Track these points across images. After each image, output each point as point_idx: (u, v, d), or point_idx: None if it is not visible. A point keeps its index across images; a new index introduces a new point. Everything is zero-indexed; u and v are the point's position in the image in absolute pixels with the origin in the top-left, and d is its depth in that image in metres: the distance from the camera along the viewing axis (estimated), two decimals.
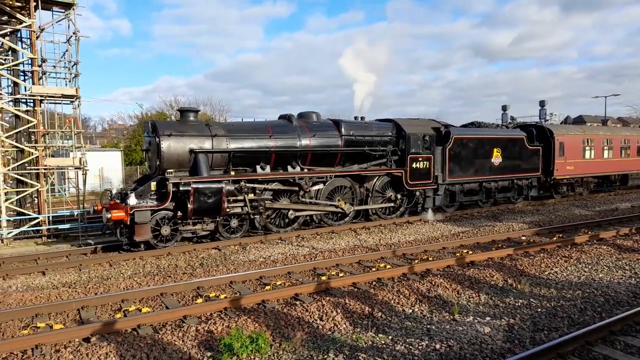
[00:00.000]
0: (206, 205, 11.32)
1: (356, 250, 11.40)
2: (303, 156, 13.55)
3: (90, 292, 8.07)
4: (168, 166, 11.58)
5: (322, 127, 14.08)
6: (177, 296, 7.88)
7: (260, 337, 5.67)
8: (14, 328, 6.56)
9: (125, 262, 10.39)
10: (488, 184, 17.50)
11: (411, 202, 15.67)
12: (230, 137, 12.39)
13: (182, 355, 5.55)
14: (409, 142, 15.11)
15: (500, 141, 17.58)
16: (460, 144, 16.41)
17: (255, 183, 12.53)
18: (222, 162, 12.38)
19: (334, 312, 6.87)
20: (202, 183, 11.31)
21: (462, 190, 16.80)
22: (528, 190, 19.04)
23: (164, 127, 11.81)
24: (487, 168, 17.20)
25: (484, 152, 17.05)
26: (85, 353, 5.46)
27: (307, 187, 13.21)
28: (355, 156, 14.57)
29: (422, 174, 15.43)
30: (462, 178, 16.56)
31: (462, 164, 16.46)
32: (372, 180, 14.82)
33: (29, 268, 9.84)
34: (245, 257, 10.84)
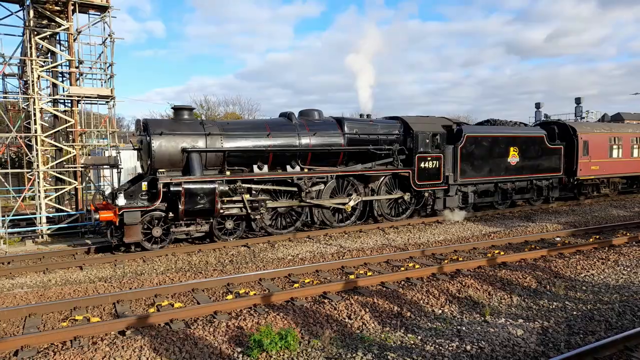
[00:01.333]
0: (198, 206, 10.98)
1: (384, 249, 11.33)
2: (303, 156, 13.08)
3: (125, 287, 8.33)
4: (159, 166, 11.27)
5: (324, 126, 13.59)
6: (208, 292, 8.03)
7: (289, 334, 5.72)
8: (54, 320, 6.82)
9: (158, 258, 10.65)
10: (504, 185, 16.70)
11: (420, 204, 15.07)
12: (225, 135, 11.97)
13: (213, 350, 5.65)
14: (416, 141, 14.49)
15: (517, 139, 16.74)
16: (474, 143, 15.66)
17: (251, 183, 12.12)
18: (216, 161, 12.00)
19: (362, 311, 6.86)
20: (193, 183, 10.99)
21: (475, 191, 16.08)
22: (548, 192, 18.09)
23: (155, 126, 11.46)
24: (503, 168, 16.39)
25: (499, 151, 16.25)
26: (120, 346, 5.63)
27: (306, 188, 12.74)
28: (359, 155, 14.07)
29: (431, 174, 14.80)
30: (475, 178, 15.80)
31: (475, 164, 15.71)
32: (378, 180, 14.22)
33: (68, 263, 10.20)
34: (273, 255, 10.94)
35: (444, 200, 15.34)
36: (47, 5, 14.37)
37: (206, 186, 11.09)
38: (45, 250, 11.79)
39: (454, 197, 15.53)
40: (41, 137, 14.37)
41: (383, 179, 14.29)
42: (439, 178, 14.99)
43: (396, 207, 14.84)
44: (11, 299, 7.72)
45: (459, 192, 15.73)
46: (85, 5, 15.04)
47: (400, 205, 14.81)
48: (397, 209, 14.88)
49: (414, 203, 15.00)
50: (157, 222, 11.09)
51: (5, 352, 5.62)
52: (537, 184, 17.68)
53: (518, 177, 16.93)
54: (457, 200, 15.69)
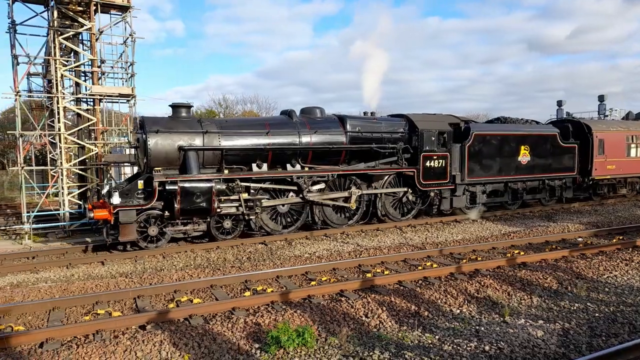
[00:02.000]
0: (195, 205, 10.85)
1: (402, 248, 11.28)
2: (303, 154, 12.81)
3: (145, 282, 8.47)
4: (156, 164, 11.15)
5: (325, 124, 13.33)
6: (226, 288, 8.12)
7: (307, 331, 5.75)
8: (77, 314, 6.99)
9: (177, 255, 10.80)
10: (514, 185, 16.22)
11: (425, 203, 14.67)
12: (223, 133, 11.79)
13: (231, 346, 5.72)
14: (422, 139, 14.08)
15: (528, 138, 16.22)
16: (482, 141, 15.21)
17: (249, 182, 11.93)
18: (214, 160, 11.82)
19: (379, 309, 6.85)
20: (190, 182, 10.83)
21: (484, 191, 15.62)
22: (562, 192, 17.50)
23: (152, 123, 11.31)
24: (513, 167, 15.92)
25: (509, 149, 15.78)
26: (141, 340, 5.74)
27: (306, 187, 12.48)
28: (362, 154, 13.73)
29: (437, 173, 14.38)
30: (483, 178, 15.36)
31: (484, 163, 15.27)
32: (382, 179, 13.91)
33: (90, 258, 10.43)
34: (290, 253, 10.99)
35: (450, 200, 14.97)
36: (70, 6, 14.67)
37: (203, 185, 10.94)
38: (67, 246, 12.05)
39: (462, 197, 15.15)
40: (64, 135, 14.69)
41: (387, 178, 13.99)
42: (446, 177, 14.60)
43: (401, 206, 14.48)
44: (36, 292, 7.92)
45: (466, 191, 15.32)
46: (107, 6, 15.32)
47: (405, 205, 14.48)
48: (402, 208, 14.53)
49: (420, 203, 14.64)
50: (154, 221, 10.97)
51: (30, 344, 5.78)
52: (549, 184, 17.14)
53: (529, 176, 16.44)
54: (465, 200, 15.30)
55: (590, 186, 18.72)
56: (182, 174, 11.12)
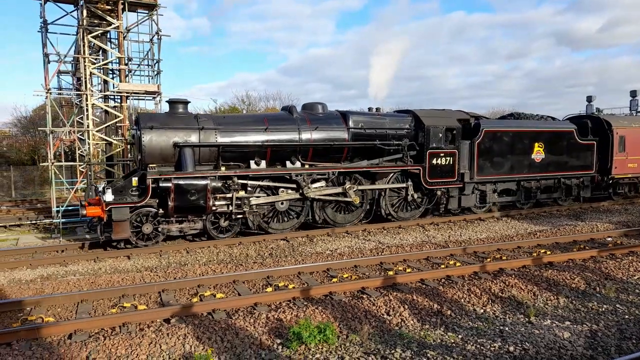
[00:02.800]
0: (189, 203, 10.65)
1: (424, 246, 11.18)
2: (304, 151, 12.49)
3: (169, 277, 8.62)
4: (150, 160, 11.01)
5: (326, 120, 12.98)
6: (249, 284, 8.20)
7: (328, 327, 5.76)
8: (104, 306, 7.16)
9: (200, 250, 10.95)
10: (527, 183, 15.61)
11: (432, 202, 14.22)
12: (220, 130, 11.59)
13: (254, 340, 5.77)
14: (428, 136, 13.57)
15: (542, 134, 15.55)
16: (492, 138, 14.64)
17: (246, 179, 11.63)
18: (210, 157, 11.61)
19: (401, 307, 6.81)
20: (184, 179, 10.65)
21: (495, 190, 15.13)
22: (579, 191, 16.80)
23: (147, 120, 11.22)
24: (526, 165, 15.32)
25: (522, 146, 15.17)
26: (166, 333, 5.85)
27: (305, 185, 12.13)
28: (365, 151, 13.30)
29: (445, 171, 13.90)
30: (494, 176, 14.81)
31: (494, 160, 14.70)
32: (386, 177, 13.48)
33: (116, 252, 10.67)
34: (312, 249, 11.02)
35: (459, 199, 14.47)
36: (99, 5, 15.01)
37: (197, 182, 10.73)
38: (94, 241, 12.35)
39: (471, 195, 14.65)
40: (92, 132, 15.07)
41: (391, 176, 13.55)
42: (453, 175, 14.08)
43: (406, 205, 14.02)
44: (65, 285, 8.16)
45: (476, 190, 14.82)
46: (134, 4, 15.62)
47: (411, 204, 14.04)
48: (407, 207, 14.05)
49: (426, 202, 14.21)
50: (148, 218, 10.84)
51: (60, 334, 5.96)
52: (565, 183, 16.46)
53: (543, 175, 15.78)
54: (475, 199, 14.81)
55: (610, 185, 17.86)
56: (178, 171, 10.99)
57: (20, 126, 34.56)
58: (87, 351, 5.40)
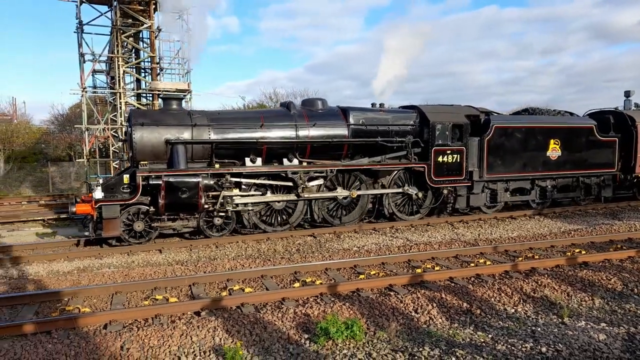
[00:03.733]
0: (180, 201, 10.50)
1: (453, 244, 11.02)
2: (301, 148, 12.21)
3: (200, 270, 8.80)
4: (142, 157, 10.87)
5: (325, 116, 12.65)
6: (276, 279, 8.28)
7: (355, 324, 5.76)
8: (137, 298, 7.37)
9: (229, 245, 11.12)
10: (542, 182, 14.93)
11: (438, 201, 13.72)
12: (213, 126, 11.41)
13: (282, 334, 5.83)
14: (433, 132, 13.07)
15: (558, 131, 14.80)
16: (504, 134, 14.01)
17: (240, 177, 11.41)
18: (204, 154, 11.46)
19: (429, 305, 6.74)
20: (175, 176, 10.52)
21: (506, 189, 14.48)
22: (600, 190, 15.94)
23: (138, 116, 11.13)
24: (541, 163, 14.61)
25: (536, 143, 14.48)
26: (196, 325, 5.97)
27: (301, 183, 11.79)
28: (366, 148, 12.90)
29: (451, 169, 13.35)
30: (505, 174, 14.16)
31: (506, 158, 14.07)
32: (389, 175, 13.11)
33: (148, 246, 10.95)
34: (339, 246, 11.03)
35: (467, 198, 13.91)
36: (131, 5, 15.39)
37: (189, 180, 10.57)
38: None
39: (480, 195, 14.04)
40: None
41: (394, 174, 13.13)
42: (461, 173, 13.50)
43: (410, 204, 13.57)
44: (100, 277, 8.44)
45: (486, 189, 14.21)
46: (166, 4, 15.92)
47: (416, 202, 13.54)
48: (411, 206, 13.59)
49: (432, 201, 13.70)
50: (139, 216, 10.73)
51: (96, 325, 6.17)
52: (584, 182, 15.66)
53: (560, 173, 15.02)
54: (485, 199, 14.20)
55: (634, 184, 16.83)
56: (170, 168, 10.90)
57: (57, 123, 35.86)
58: (121, 341, 5.58)
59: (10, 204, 19.25)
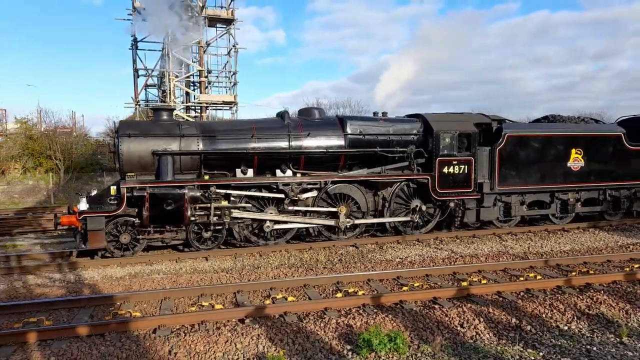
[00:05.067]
0: (165, 213, 10.29)
1: (501, 257, 10.65)
2: (295, 159, 11.80)
3: (244, 278, 8.96)
4: (129, 169, 10.75)
5: (321, 126, 12.19)
6: (319, 289, 8.29)
7: (399, 336, 5.68)
8: (184, 304, 7.59)
9: (272, 254, 11.26)
10: (564, 195, 13.85)
11: (444, 215, 12.89)
12: (203, 137, 11.17)
13: (324, 345, 5.84)
14: (437, 142, 12.38)
15: (580, 139, 13.72)
16: (517, 144, 13.10)
17: (228, 189, 11.13)
18: (193, 165, 11.22)
19: (476, 320, 6.55)
20: (159, 188, 10.34)
21: (522, 202, 13.52)
22: (630, 204, 14.62)
23: (125, 127, 10.97)
24: (561, 174, 13.57)
25: (555, 153, 13.47)
26: (240, 332, 6.08)
27: (293, 195, 11.40)
28: (365, 159, 12.36)
29: (458, 181, 12.57)
30: (520, 186, 13.22)
31: (520, 169, 13.14)
32: (390, 187, 12.43)
33: (196, 254, 11.26)
34: (381, 257, 10.92)
35: (477, 211, 13.02)
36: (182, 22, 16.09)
37: (174, 191, 10.37)
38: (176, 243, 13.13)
39: (492, 208, 13.10)
40: None
41: (396, 186, 12.48)
42: (469, 185, 12.68)
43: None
44: (150, 282, 8.76)
45: (498, 202, 13.29)
46: (214, 19, 16.55)
47: (420, 216, 12.75)
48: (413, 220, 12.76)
49: (438, 214, 12.92)
50: (126, 228, 10.58)
51: (145, 329, 6.40)
52: (612, 195, 14.43)
53: (583, 185, 13.90)
54: (498, 212, 13.26)
55: None
56: (157, 180, 10.75)
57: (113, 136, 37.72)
58: (169, 346, 5.77)
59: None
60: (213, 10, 16.96)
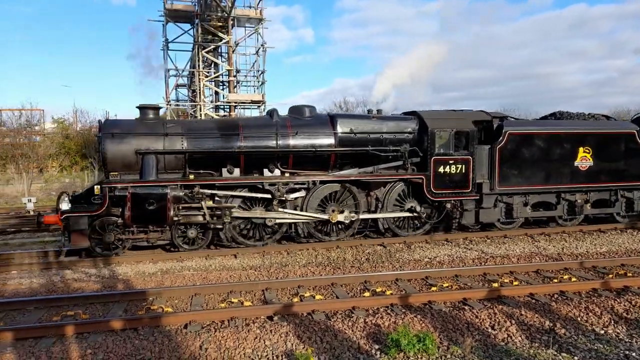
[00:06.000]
0: (147, 213, 10.18)
1: (533, 258, 10.40)
2: (283, 158, 11.56)
3: (272, 276, 9.04)
4: (112, 168, 10.65)
5: (310, 124, 11.85)
6: (346, 287, 8.29)
7: (428, 337, 5.62)
8: (214, 301, 7.72)
9: (300, 252, 11.31)
10: (571, 196, 13.24)
11: (440, 216, 12.47)
12: (187, 136, 10.98)
13: (352, 344, 5.83)
14: (432, 140, 11.94)
15: (588, 137, 13.05)
16: (519, 142, 12.54)
17: (213, 189, 10.99)
18: (177, 164, 11.03)
19: (507, 322, 6.41)
20: (141, 188, 10.23)
21: (525, 203, 12.95)
22: None
23: (109, 126, 10.83)
24: (568, 174, 12.95)
25: (561, 152, 12.84)
26: (269, 329, 6.15)
27: (279, 195, 11.16)
28: (357, 158, 12.00)
29: (455, 181, 12.10)
30: (522, 187, 12.67)
31: (522, 168, 12.60)
32: (384, 187, 12.11)
33: (225, 251, 11.43)
34: (409, 256, 10.82)
35: (475, 213, 12.59)
36: (211, 22, 16.33)
37: (156, 191, 10.23)
38: None
39: (492, 209, 12.64)
40: None
41: (390, 186, 12.14)
42: (467, 186, 12.20)
43: (407, 219, 12.51)
44: (181, 279, 8.95)
45: (499, 202, 12.81)
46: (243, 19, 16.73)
47: (414, 218, 12.45)
48: (409, 221, 12.52)
49: (435, 216, 12.49)
50: (111, 227, 10.46)
51: (177, 324, 6.54)
52: (625, 195, 13.75)
53: (592, 185, 13.26)
54: (499, 214, 12.79)
55: None
56: (141, 179, 10.64)
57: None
58: (200, 341, 5.88)
59: None
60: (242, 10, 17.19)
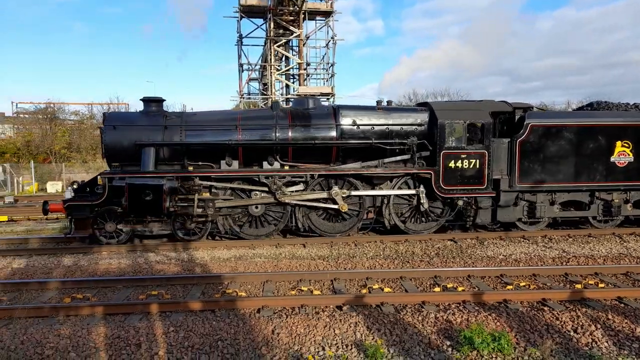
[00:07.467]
0: (143, 203, 10.33)
1: (622, 259, 9.62)
2: (282, 151, 11.35)
3: (340, 267, 9.13)
4: (113, 160, 11.03)
5: (312, 116, 11.51)
6: (415, 282, 8.18)
7: (503, 336, 5.41)
8: (285, 288, 7.95)
9: (368, 244, 11.30)
10: (607, 195, 11.95)
11: (452, 214, 11.77)
12: (186, 128, 11.08)
13: (422, 338, 5.75)
14: (442, 133, 11.22)
15: (627, 130, 11.64)
16: (543, 135, 11.43)
17: (210, 181, 11.00)
18: (176, 156, 11.21)
19: (592, 326, 6.01)
20: (137, 179, 10.43)
21: (552, 202, 11.86)
22: None
23: (111, 119, 11.19)
24: (602, 170, 11.66)
25: (595, 146, 11.59)
26: (339, 319, 6.22)
27: (276, 188, 11.01)
28: (361, 151, 11.53)
29: (468, 177, 11.34)
30: (547, 184, 11.60)
31: (547, 164, 11.51)
32: (390, 183, 11.58)
33: (294, 240, 11.69)
34: (482, 253, 10.44)
35: (492, 211, 11.77)
36: (283, 17, 16.64)
37: (151, 182, 10.37)
38: None
39: (511, 208, 11.75)
40: None
41: (396, 181, 11.56)
42: (482, 182, 11.40)
43: (417, 216, 11.91)
44: (253, 265, 9.30)
45: (521, 201, 11.85)
46: (313, 13, 16.89)
47: (424, 215, 11.83)
48: (420, 218, 11.93)
49: (447, 213, 11.82)
50: (114, 217, 10.79)
51: (250, 308, 6.82)
52: None
53: (632, 184, 11.87)
54: (520, 212, 11.88)
55: None
56: (135, 171, 10.88)
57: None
58: (272, 325, 6.08)
59: None
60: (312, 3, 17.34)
